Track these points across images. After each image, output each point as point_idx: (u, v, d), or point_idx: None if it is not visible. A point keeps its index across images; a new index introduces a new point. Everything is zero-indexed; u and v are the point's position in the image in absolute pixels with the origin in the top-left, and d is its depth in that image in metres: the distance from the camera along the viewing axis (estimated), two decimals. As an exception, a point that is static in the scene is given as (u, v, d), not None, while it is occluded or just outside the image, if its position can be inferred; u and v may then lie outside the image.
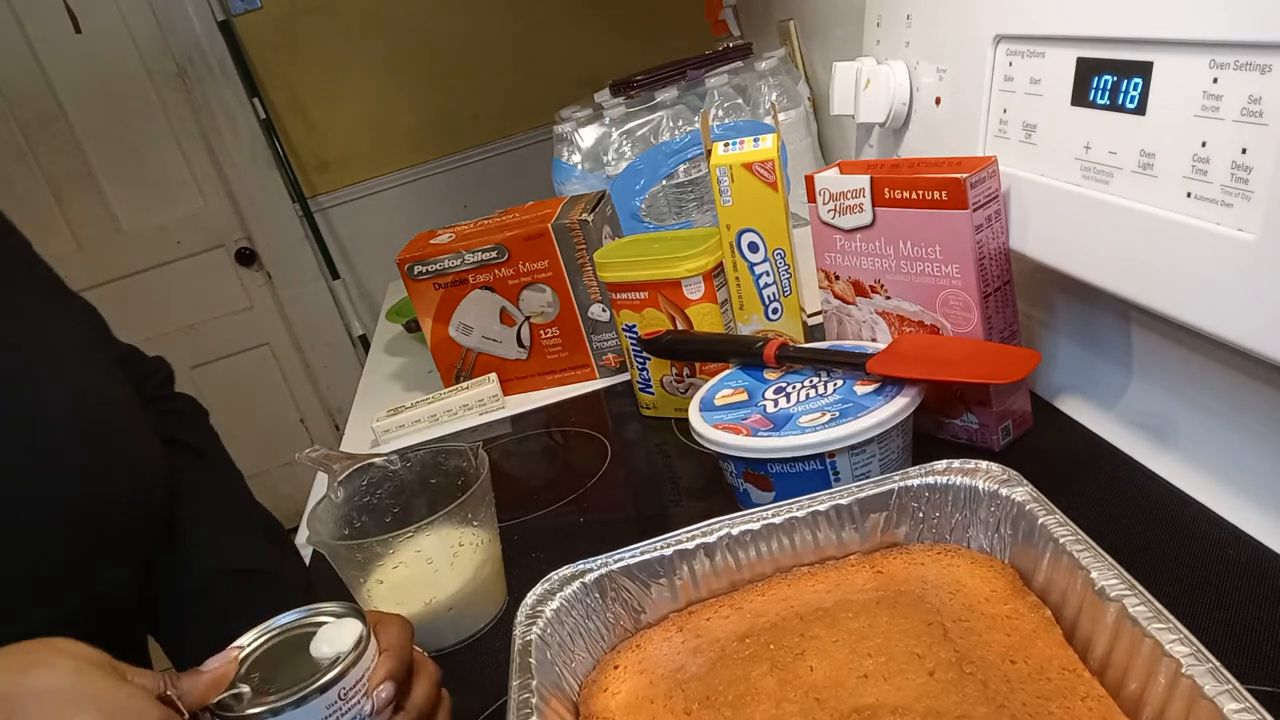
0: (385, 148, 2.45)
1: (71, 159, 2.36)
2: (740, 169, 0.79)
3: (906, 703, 0.42)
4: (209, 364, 2.60)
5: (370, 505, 0.70)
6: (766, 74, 1.27)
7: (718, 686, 0.46)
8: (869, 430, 0.61)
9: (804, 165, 1.25)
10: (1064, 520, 0.46)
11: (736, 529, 0.53)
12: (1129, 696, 0.40)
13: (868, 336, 0.76)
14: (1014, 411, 0.69)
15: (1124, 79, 0.57)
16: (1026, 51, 0.67)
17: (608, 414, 0.97)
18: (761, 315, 0.84)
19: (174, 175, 2.43)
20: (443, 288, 1.02)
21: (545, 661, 0.48)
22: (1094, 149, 0.60)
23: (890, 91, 0.85)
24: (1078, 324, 0.75)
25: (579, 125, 1.28)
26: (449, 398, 1.03)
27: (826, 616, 0.48)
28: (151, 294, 2.48)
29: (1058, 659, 0.43)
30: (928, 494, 0.53)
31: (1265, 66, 0.47)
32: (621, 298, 0.86)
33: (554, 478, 0.87)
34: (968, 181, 0.64)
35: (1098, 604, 0.42)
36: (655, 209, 1.24)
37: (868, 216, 0.70)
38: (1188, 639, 0.37)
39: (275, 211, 2.47)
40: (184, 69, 2.33)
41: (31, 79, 2.29)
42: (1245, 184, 0.49)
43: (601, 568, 0.52)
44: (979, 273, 0.66)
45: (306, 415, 2.73)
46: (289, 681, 0.44)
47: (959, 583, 0.49)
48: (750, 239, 0.81)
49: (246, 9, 2.29)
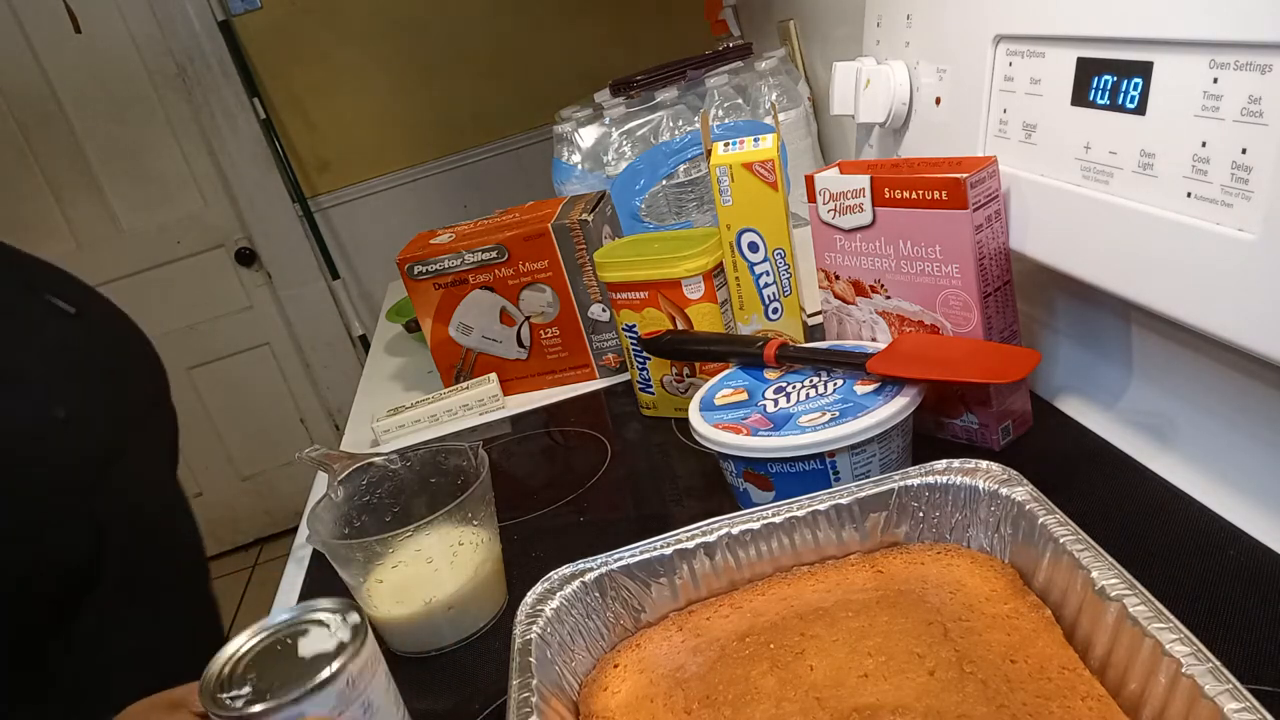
0: (385, 148, 2.45)
1: (71, 159, 2.36)
2: (740, 169, 0.79)
3: (906, 702, 0.42)
4: (209, 364, 2.60)
5: (370, 504, 0.70)
6: (766, 74, 1.27)
7: (718, 685, 0.46)
8: (869, 430, 0.61)
9: (804, 165, 1.25)
10: (1064, 520, 0.46)
11: (736, 528, 0.53)
12: (1129, 696, 0.40)
13: (868, 336, 0.76)
14: (1014, 411, 0.69)
15: (1124, 79, 0.57)
16: (1026, 51, 0.67)
17: (608, 414, 0.97)
18: (761, 315, 0.84)
19: (174, 175, 2.44)
20: (443, 288, 1.02)
21: (545, 661, 0.48)
22: (1094, 149, 0.60)
23: (890, 91, 0.85)
24: (1078, 324, 0.75)
25: (579, 125, 1.28)
26: (449, 398, 1.03)
27: (826, 616, 0.48)
28: (151, 294, 2.48)
29: (1058, 658, 0.43)
30: (928, 494, 0.53)
31: (1265, 66, 0.47)
32: (621, 298, 0.86)
33: (554, 478, 0.87)
34: (968, 181, 0.64)
35: (1098, 603, 0.42)
36: (655, 209, 1.24)
37: (868, 216, 0.70)
38: (1188, 639, 0.37)
39: (275, 211, 2.47)
40: (184, 69, 2.33)
41: (31, 79, 2.29)
42: (1245, 184, 0.49)
43: (601, 567, 0.53)
44: (979, 273, 0.66)
45: (306, 415, 2.73)
46: (287, 679, 0.44)
47: (959, 582, 0.49)
48: (750, 239, 0.81)
49: (246, 9, 2.29)
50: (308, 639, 0.46)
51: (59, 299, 0.69)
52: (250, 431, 2.70)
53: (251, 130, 2.38)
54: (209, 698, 0.44)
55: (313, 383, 2.69)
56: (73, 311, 0.70)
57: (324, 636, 0.46)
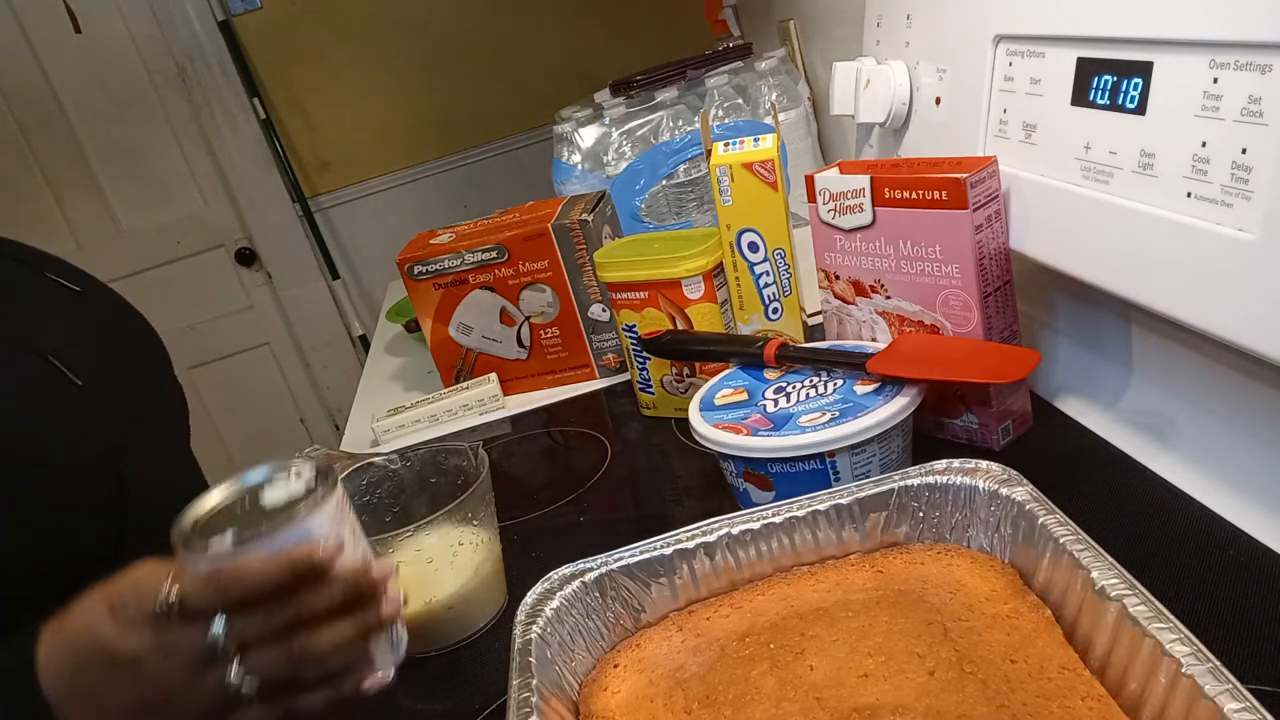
0: (385, 148, 2.45)
1: (71, 159, 2.36)
2: (740, 169, 0.79)
3: (906, 702, 0.42)
4: (209, 364, 2.60)
5: (370, 505, 0.70)
6: (766, 74, 1.27)
7: (718, 685, 0.46)
8: (869, 430, 0.61)
9: (804, 165, 1.25)
10: (1064, 520, 0.46)
11: (736, 528, 0.53)
12: (1129, 696, 0.40)
13: (868, 336, 0.76)
14: (1014, 411, 0.69)
15: (1124, 79, 0.57)
16: (1026, 51, 0.67)
17: (608, 414, 0.97)
18: (761, 315, 0.84)
19: (174, 175, 2.43)
20: (443, 288, 1.02)
21: (545, 660, 0.48)
22: (1094, 149, 0.60)
23: (890, 91, 0.85)
24: (1078, 324, 0.75)
25: (579, 125, 1.28)
26: (449, 398, 1.03)
27: (826, 616, 0.48)
28: (151, 294, 2.47)
29: (1058, 658, 0.43)
30: (928, 494, 0.53)
31: (1265, 66, 0.47)
32: (621, 298, 0.86)
33: (554, 478, 0.87)
34: (968, 181, 0.64)
35: (1098, 603, 0.42)
36: (655, 209, 1.24)
37: (868, 216, 0.70)
38: (1188, 639, 0.37)
39: (275, 211, 2.46)
40: (184, 69, 2.33)
41: (31, 79, 2.29)
42: (1245, 184, 0.49)
43: (601, 567, 0.53)
44: (979, 273, 0.66)
45: (306, 415, 2.73)
46: (264, 521, 0.45)
47: (959, 582, 0.49)
48: (750, 239, 0.81)
49: (246, 9, 2.29)
50: (272, 489, 0.48)
51: (60, 279, 0.70)
52: (250, 431, 2.70)
53: (251, 130, 2.38)
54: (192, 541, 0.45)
55: (313, 383, 2.69)
56: (77, 289, 0.71)
57: (291, 482, 0.47)
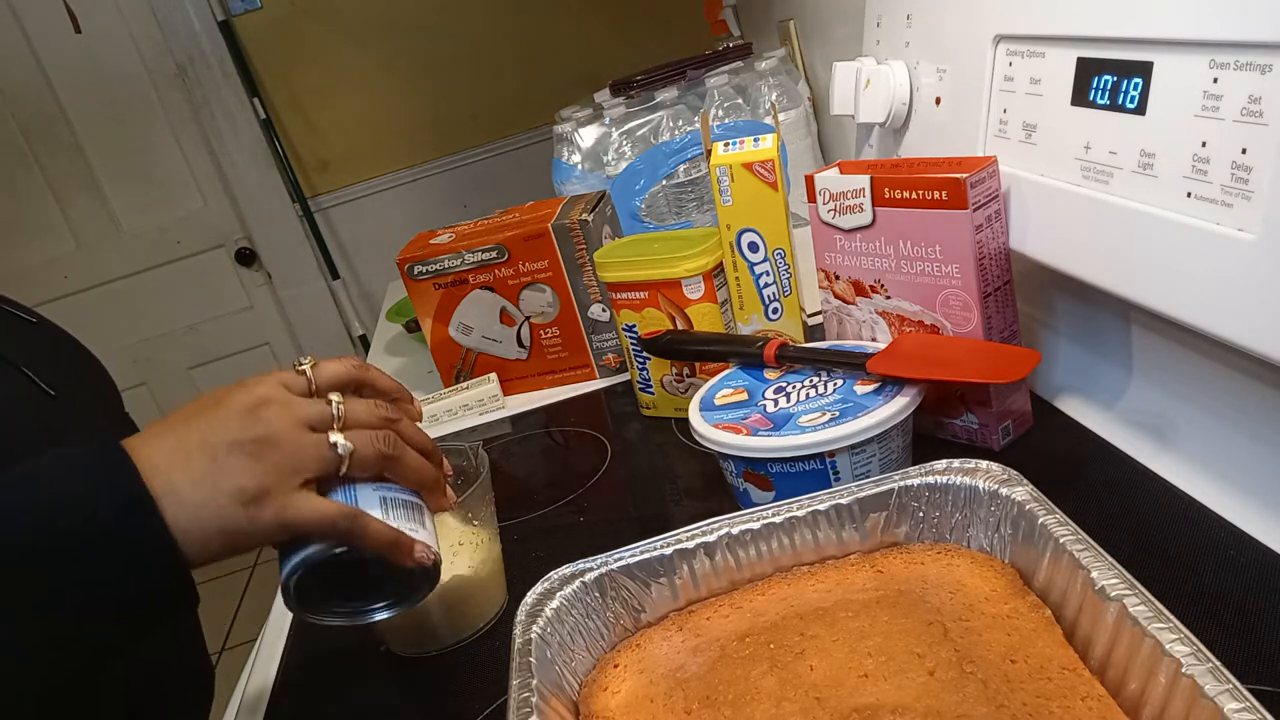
0: (385, 148, 2.45)
1: (71, 159, 2.36)
2: (740, 169, 0.79)
3: (906, 702, 0.42)
4: (209, 364, 2.60)
5: (370, 505, 0.70)
6: (766, 74, 1.27)
7: (718, 686, 0.46)
8: (869, 430, 0.61)
9: (804, 165, 1.25)
10: (1064, 520, 0.46)
11: (736, 528, 0.53)
12: (1129, 696, 0.40)
13: (868, 336, 0.76)
14: (1014, 411, 0.69)
15: (1124, 79, 0.57)
16: (1026, 51, 0.67)
17: (608, 414, 0.97)
18: (761, 315, 0.84)
19: (174, 175, 2.43)
20: (443, 288, 1.02)
21: (545, 661, 0.48)
22: (1094, 149, 0.60)
23: (890, 91, 0.85)
24: (1078, 324, 0.75)
25: (579, 125, 1.28)
26: (449, 398, 1.03)
27: (826, 616, 0.48)
28: (151, 294, 2.48)
29: (1058, 658, 0.43)
30: (928, 494, 0.53)
31: (1265, 66, 0.47)
32: (621, 298, 0.86)
33: (554, 478, 0.87)
34: (968, 181, 0.64)
35: (1098, 603, 0.42)
36: (655, 209, 1.24)
37: (868, 216, 0.70)
38: (1188, 639, 0.37)
39: (275, 211, 2.47)
40: (184, 69, 2.33)
41: (31, 79, 2.29)
42: (1245, 184, 0.49)
43: (601, 567, 0.52)
44: (979, 273, 0.66)
45: (306, 415, 2.72)
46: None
47: (959, 582, 0.49)
48: (750, 239, 0.81)
49: (246, 9, 2.29)
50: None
51: (18, 312, 0.72)
52: (250, 431, 2.70)
53: (251, 130, 2.38)
54: None
55: (313, 383, 2.69)
56: (34, 320, 0.74)
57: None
